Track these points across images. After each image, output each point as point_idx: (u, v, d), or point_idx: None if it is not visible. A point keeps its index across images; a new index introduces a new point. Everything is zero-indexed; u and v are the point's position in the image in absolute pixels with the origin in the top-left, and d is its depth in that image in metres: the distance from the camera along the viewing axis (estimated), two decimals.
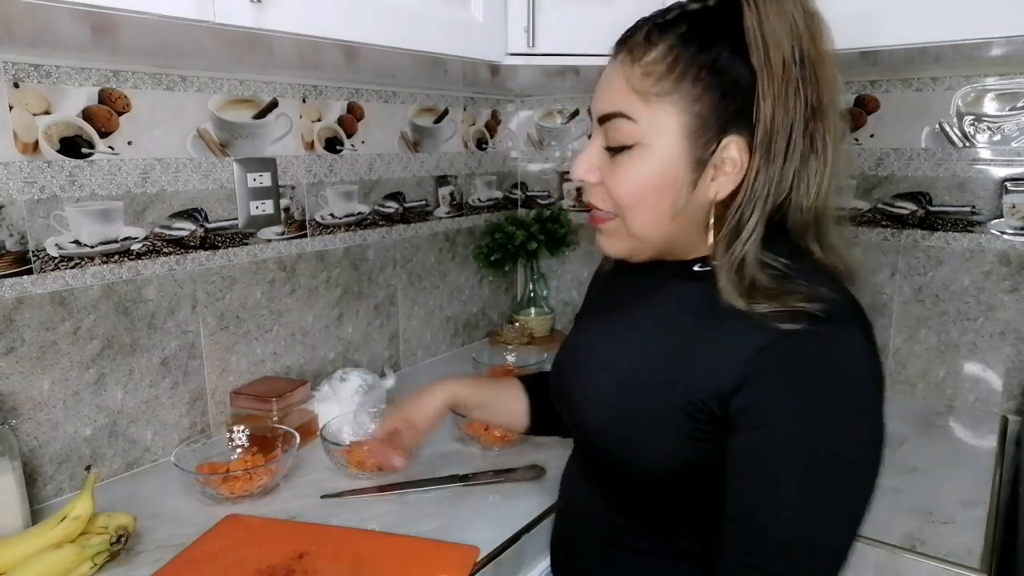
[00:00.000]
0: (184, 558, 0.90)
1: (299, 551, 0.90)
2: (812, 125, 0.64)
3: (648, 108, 0.65)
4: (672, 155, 0.65)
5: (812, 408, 0.60)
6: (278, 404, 1.21)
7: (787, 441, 0.60)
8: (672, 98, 0.64)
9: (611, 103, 0.67)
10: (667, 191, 0.66)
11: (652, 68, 0.65)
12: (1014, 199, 1.32)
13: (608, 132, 0.68)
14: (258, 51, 1.05)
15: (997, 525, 1.02)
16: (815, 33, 0.65)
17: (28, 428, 1.03)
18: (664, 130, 0.65)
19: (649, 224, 0.68)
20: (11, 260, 0.99)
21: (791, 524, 0.61)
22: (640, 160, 0.66)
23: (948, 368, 1.43)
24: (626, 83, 0.66)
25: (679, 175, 0.66)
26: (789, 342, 0.60)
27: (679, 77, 0.64)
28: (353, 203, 1.48)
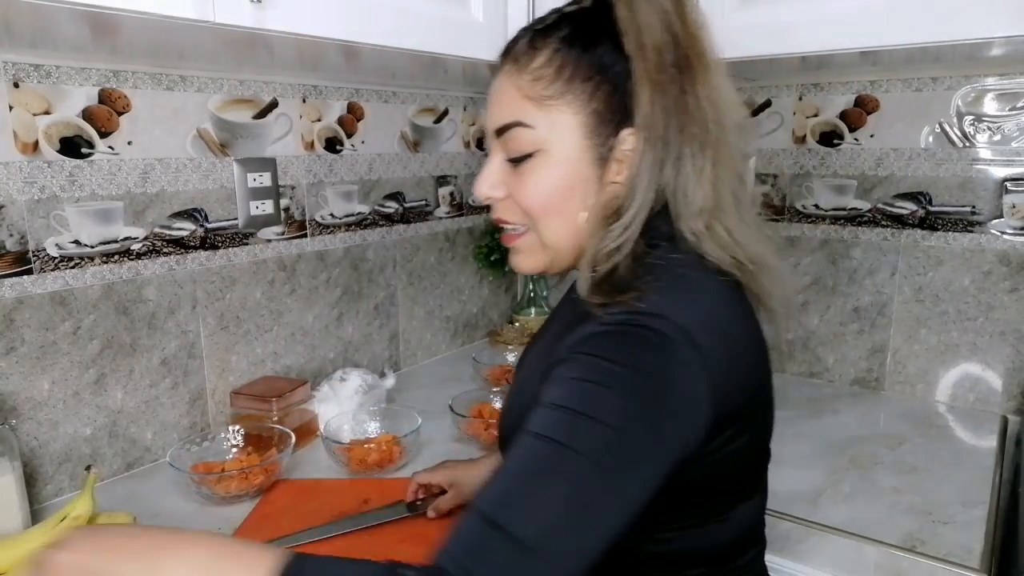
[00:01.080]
0: (257, 515, 0.98)
1: (363, 498, 1.01)
2: (693, 110, 0.63)
3: (544, 113, 0.65)
4: (574, 155, 0.65)
5: (581, 390, 0.56)
6: (278, 404, 1.21)
7: (549, 407, 0.56)
8: (566, 99, 0.64)
9: (506, 114, 0.67)
10: (575, 192, 0.66)
11: (541, 73, 0.65)
12: (1014, 199, 1.32)
13: (507, 143, 0.67)
14: (258, 51, 1.05)
15: (997, 525, 1.02)
16: (686, 19, 0.64)
17: (28, 428, 1.03)
18: (563, 132, 0.65)
19: (562, 230, 0.67)
20: (11, 260, 0.99)
21: (512, 478, 0.55)
22: (544, 166, 0.66)
23: (948, 368, 1.43)
24: (518, 92, 0.66)
25: (585, 174, 0.65)
26: (602, 329, 0.58)
27: (569, 79, 0.64)
28: (353, 203, 1.48)
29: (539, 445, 0.55)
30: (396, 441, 1.15)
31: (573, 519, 0.52)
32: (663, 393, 0.56)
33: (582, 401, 0.55)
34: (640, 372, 0.55)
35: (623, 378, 0.55)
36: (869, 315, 1.49)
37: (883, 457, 1.19)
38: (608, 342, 0.57)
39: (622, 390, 0.55)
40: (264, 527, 0.97)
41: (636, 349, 0.56)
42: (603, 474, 0.53)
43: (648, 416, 0.55)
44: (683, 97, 0.63)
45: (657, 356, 0.56)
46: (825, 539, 0.96)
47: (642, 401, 0.55)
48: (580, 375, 0.56)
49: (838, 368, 1.55)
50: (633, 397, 0.55)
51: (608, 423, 0.54)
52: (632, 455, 0.54)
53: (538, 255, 0.70)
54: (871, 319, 1.49)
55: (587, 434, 0.54)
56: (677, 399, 0.56)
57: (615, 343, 0.57)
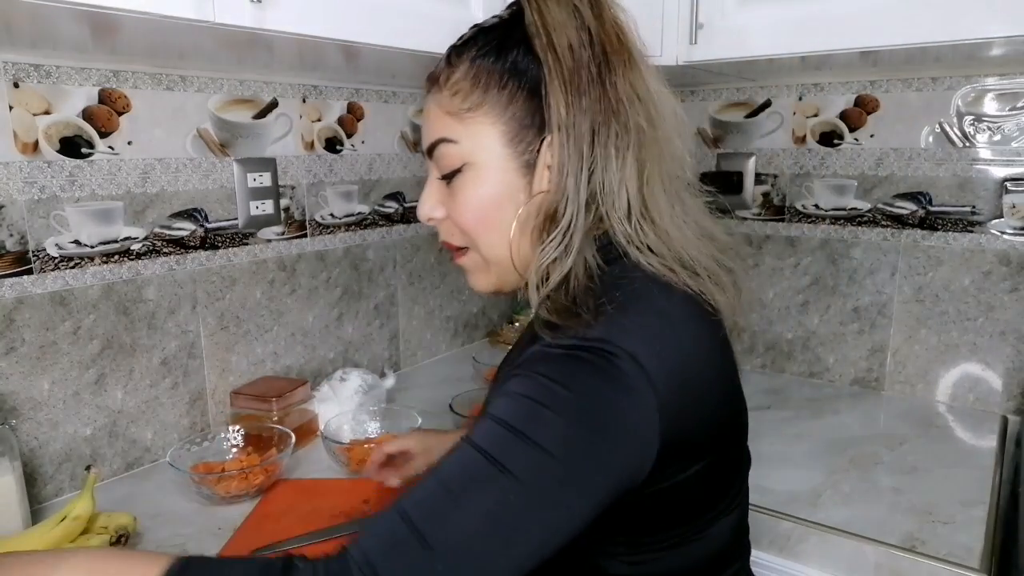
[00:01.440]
0: (258, 515, 0.97)
1: (362, 498, 1.01)
2: (616, 108, 0.61)
3: (464, 126, 0.65)
4: (499, 165, 0.64)
5: (523, 408, 0.54)
6: (278, 404, 1.21)
7: (492, 420, 0.55)
8: (483, 109, 0.64)
9: (432, 133, 0.67)
10: (505, 203, 0.65)
11: (458, 87, 0.65)
12: (1014, 199, 1.32)
13: (438, 162, 0.67)
14: (258, 51, 1.05)
15: (997, 525, 1.02)
16: (603, 16, 0.63)
17: (28, 428, 1.03)
18: (484, 143, 0.64)
19: (499, 244, 0.66)
20: (11, 260, 0.99)
21: (433, 490, 0.54)
22: (472, 180, 0.65)
23: (948, 368, 1.43)
24: (439, 109, 0.66)
25: (512, 183, 0.64)
26: (553, 352, 0.56)
27: (484, 87, 0.64)
28: (353, 203, 1.48)
29: (474, 456, 0.53)
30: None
31: (490, 537, 0.51)
32: (606, 422, 0.54)
33: (524, 420, 0.53)
34: (585, 399, 0.54)
35: (567, 403, 0.53)
36: (869, 315, 1.49)
37: (883, 457, 1.19)
38: (557, 364, 0.55)
39: (565, 415, 0.53)
40: (264, 527, 0.97)
41: (583, 375, 0.54)
42: (530, 498, 0.52)
43: (588, 445, 0.53)
44: (605, 95, 0.61)
45: (604, 384, 0.54)
46: (825, 539, 0.96)
47: (584, 429, 0.53)
48: (527, 392, 0.55)
49: (838, 368, 1.55)
50: (575, 424, 0.53)
51: (545, 448, 0.52)
52: (564, 483, 0.52)
53: (484, 273, 0.69)
54: (871, 319, 1.49)
55: (522, 455, 0.52)
56: (620, 429, 0.54)
57: (564, 366, 0.55)
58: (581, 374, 0.55)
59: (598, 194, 0.61)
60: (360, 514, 0.99)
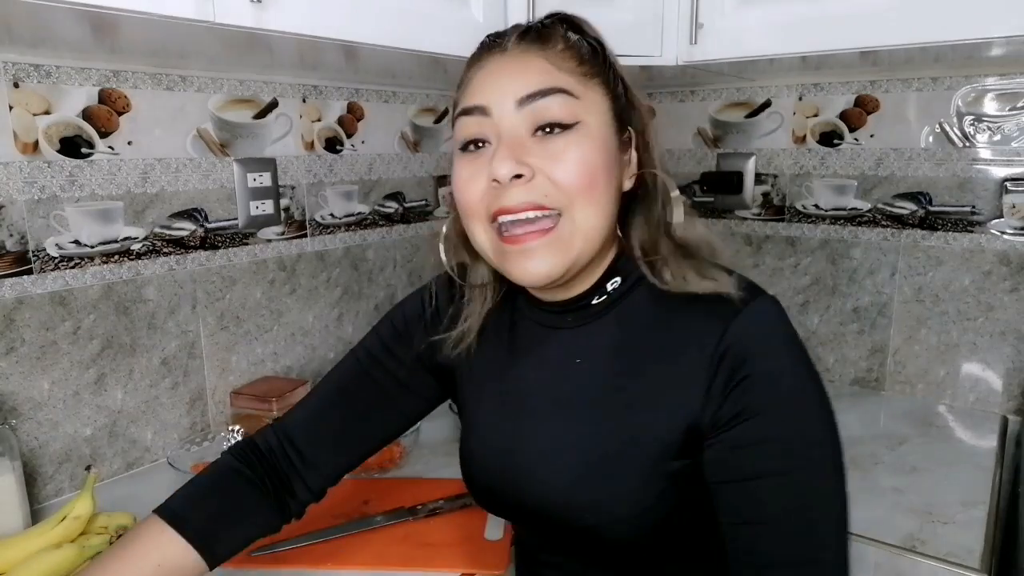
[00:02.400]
0: None
1: (363, 499, 1.02)
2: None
3: (583, 87, 0.63)
4: (608, 134, 0.64)
5: (781, 399, 0.60)
6: (278, 404, 1.21)
7: (767, 446, 0.60)
8: (598, 80, 0.65)
9: (542, 81, 0.62)
10: (610, 171, 0.63)
11: (575, 51, 0.64)
12: (1014, 199, 1.32)
13: (540, 111, 0.62)
14: (258, 51, 1.05)
15: (997, 525, 1.02)
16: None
17: (28, 428, 1.03)
18: (599, 109, 0.64)
19: (599, 213, 0.63)
20: (11, 260, 0.99)
21: (788, 511, 0.60)
22: (582, 139, 0.62)
23: (948, 368, 1.43)
24: (550, 64, 0.63)
25: (615, 156, 0.65)
26: (741, 329, 0.60)
27: (601, 63, 0.65)
28: (353, 203, 1.48)
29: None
30: (396, 441, 1.15)
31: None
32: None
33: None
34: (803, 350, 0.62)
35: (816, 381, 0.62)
36: (869, 315, 1.49)
37: (883, 457, 1.19)
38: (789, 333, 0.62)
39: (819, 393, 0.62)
40: None
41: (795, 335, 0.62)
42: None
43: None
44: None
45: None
46: None
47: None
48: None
49: (838, 368, 1.55)
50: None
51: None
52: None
53: (564, 250, 0.62)
54: (871, 319, 1.49)
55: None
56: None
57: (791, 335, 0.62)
58: (782, 315, 0.62)
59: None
60: (359, 515, 0.99)
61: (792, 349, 0.61)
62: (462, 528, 0.96)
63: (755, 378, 0.59)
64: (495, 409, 0.75)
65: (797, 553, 0.60)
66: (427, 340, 0.81)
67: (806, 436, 0.60)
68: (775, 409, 0.59)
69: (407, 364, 0.82)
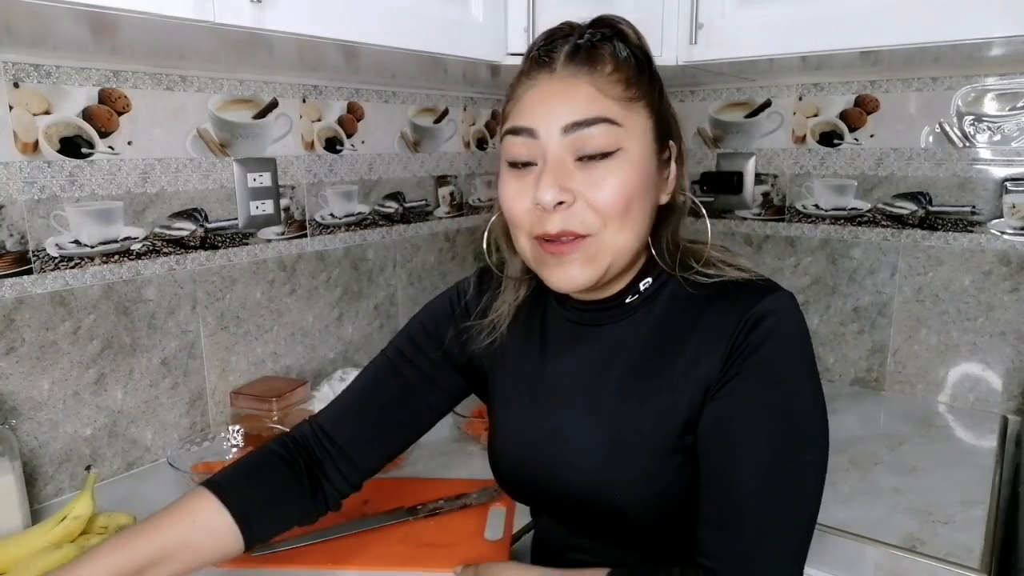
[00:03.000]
0: None
1: (363, 499, 1.00)
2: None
3: (627, 112, 0.66)
4: (648, 156, 0.67)
5: (778, 371, 0.64)
6: (278, 404, 1.21)
7: (752, 402, 0.64)
8: (643, 103, 0.67)
9: (589, 109, 0.65)
10: (647, 193, 0.68)
11: (622, 74, 0.66)
12: (1014, 199, 1.32)
13: (583, 140, 0.65)
14: (258, 51, 1.05)
15: (997, 525, 1.02)
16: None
17: (28, 428, 1.03)
18: (640, 132, 0.67)
19: (632, 232, 0.67)
20: (11, 260, 0.99)
21: (757, 485, 0.63)
22: (624, 164, 0.65)
23: (948, 368, 1.43)
24: (597, 90, 0.65)
25: (653, 177, 0.68)
26: (760, 311, 0.65)
27: (646, 83, 0.67)
28: (353, 203, 1.48)
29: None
30: None
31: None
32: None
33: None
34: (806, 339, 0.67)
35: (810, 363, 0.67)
36: (869, 315, 1.49)
37: (883, 457, 1.19)
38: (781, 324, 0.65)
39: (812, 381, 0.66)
40: None
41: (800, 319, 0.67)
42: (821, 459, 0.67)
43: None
44: None
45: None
46: (825, 539, 0.96)
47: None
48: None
49: (838, 368, 1.55)
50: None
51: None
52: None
53: (597, 263, 0.67)
54: (871, 319, 1.49)
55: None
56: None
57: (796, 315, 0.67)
58: (795, 312, 0.67)
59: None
60: (359, 515, 0.99)
61: (799, 340, 0.66)
62: (462, 528, 0.96)
63: (761, 350, 0.64)
64: (528, 402, 0.79)
65: (748, 525, 0.63)
66: (457, 335, 0.85)
67: (789, 421, 0.64)
68: (767, 381, 0.64)
69: (435, 362, 0.86)
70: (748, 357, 0.64)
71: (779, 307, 0.66)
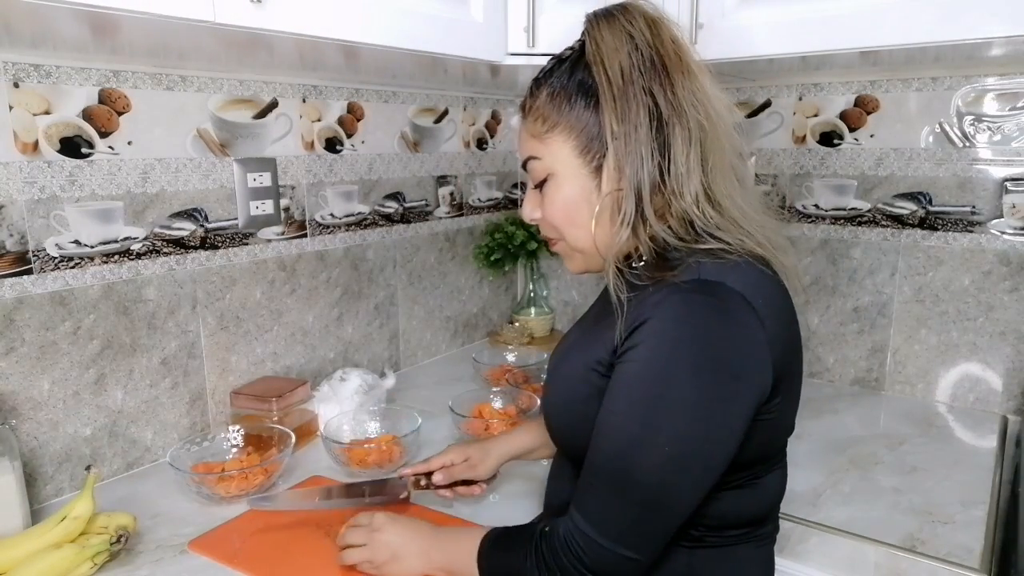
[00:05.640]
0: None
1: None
2: (675, 112, 0.71)
3: (544, 145, 0.76)
4: (574, 173, 0.75)
5: (665, 354, 0.66)
6: (278, 404, 1.21)
7: (637, 373, 0.68)
8: (559, 129, 0.75)
9: (523, 152, 0.80)
10: (581, 203, 0.76)
11: (538, 112, 0.76)
12: (1014, 199, 1.32)
13: (530, 174, 0.80)
14: (258, 51, 1.05)
15: (997, 525, 1.02)
16: (661, 36, 0.73)
17: (28, 428, 1.03)
18: (561, 156, 0.76)
19: (581, 236, 0.77)
20: (11, 260, 0.99)
21: (613, 449, 0.69)
22: (555, 187, 0.77)
23: (948, 368, 1.43)
24: (526, 132, 0.79)
25: (585, 186, 0.75)
26: (667, 294, 0.68)
27: (559, 107, 0.75)
28: (353, 203, 1.48)
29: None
30: (396, 441, 1.15)
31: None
32: (733, 362, 0.66)
33: (659, 382, 0.66)
34: (710, 344, 0.65)
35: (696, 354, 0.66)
36: (869, 315, 1.49)
37: (883, 457, 1.19)
38: (679, 307, 0.66)
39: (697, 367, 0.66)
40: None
41: (703, 318, 0.66)
42: (686, 450, 0.67)
43: (720, 388, 0.66)
44: (660, 102, 0.70)
45: (722, 321, 0.66)
46: (825, 539, 0.96)
47: (714, 374, 0.65)
48: (655, 351, 0.66)
49: (838, 368, 1.55)
50: (708, 372, 0.65)
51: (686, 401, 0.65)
52: (709, 436, 0.66)
53: (573, 258, 0.82)
54: (871, 319, 1.49)
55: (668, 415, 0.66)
56: (744, 364, 0.66)
57: (685, 309, 0.66)
58: (701, 317, 0.66)
59: (665, 185, 0.71)
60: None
61: (671, 339, 0.66)
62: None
63: (641, 332, 0.68)
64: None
65: (597, 473, 0.70)
66: None
67: (646, 397, 0.67)
68: (637, 364, 0.68)
69: None
70: (631, 348, 0.69)
71: (670, 303, 0.67)
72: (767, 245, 0.74)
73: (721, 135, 0.74)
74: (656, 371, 0.66)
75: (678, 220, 0.72)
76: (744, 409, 0.67)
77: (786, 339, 0.71)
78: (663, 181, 0.71)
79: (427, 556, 0.81)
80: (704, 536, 0.75)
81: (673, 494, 0.67)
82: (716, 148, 0.73)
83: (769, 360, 0.67)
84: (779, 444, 0.79)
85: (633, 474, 0.67)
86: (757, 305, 0.67)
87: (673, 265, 0.70)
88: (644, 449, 0.66)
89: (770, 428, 0.72)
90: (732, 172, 0.75)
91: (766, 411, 0.70)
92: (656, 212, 0.71)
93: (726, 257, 0.70)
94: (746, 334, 0.66)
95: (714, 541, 0.75)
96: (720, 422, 0.66)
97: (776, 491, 0.80)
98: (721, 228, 0.72)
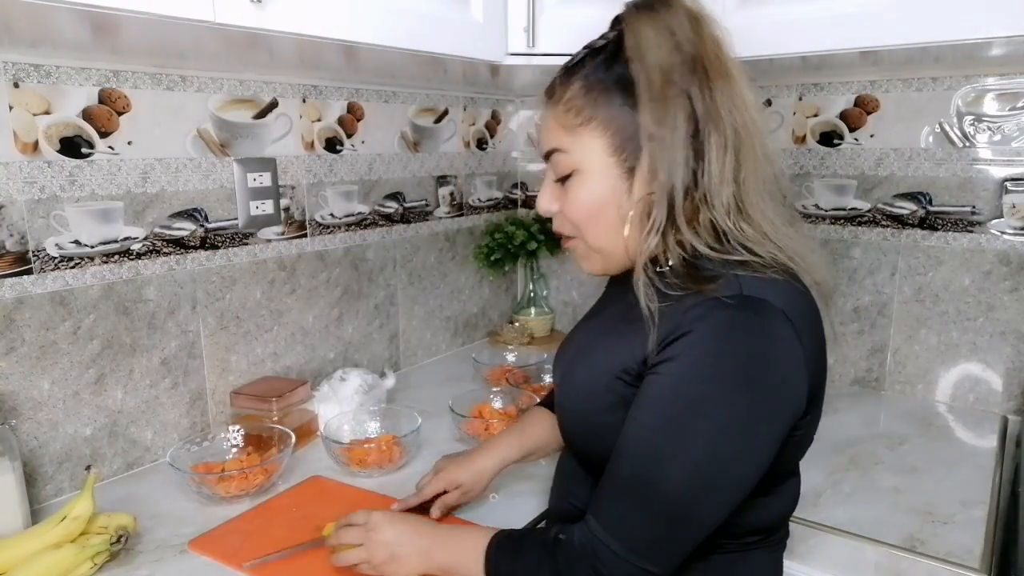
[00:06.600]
0: (261, 508, 1.02)
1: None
2: (712, 116, 0.68)
3: (574, 138, 0.73)
4: (604, 171, 0.72)
5: (705, 370, 0.64)
6: (278, 404, 1.21)
7: (674, 386, 0.66)
8: (593, 124, 0.72)
9: (547, 142, 0.76)
10: (609, 203, 0.73)
11: (572, 103, 0.72)
12: (1014, 199, 1.32)
13: (553, 166, 0.76)
14: (258, 51, 1.05)
15: (997, 525, 1.02)
16: (703, 34, 0.69)
17: (28, 428, 1.03)
18: (592, 153, 0.72)
19: (604, 236, 0.74)
20: (11, 260, 0.99)
21: (641, 461, 0.67)
22: (581, 183, 0.74)
23: (948, 368, 1.43)
24: (555, 122, 0.74)
25: (615, 186, 0.72)
26: (710, 308, 0.65)
27: (594, 102, 0.71)
28: (353, 203, 1.48)
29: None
30: (396, 441, 1.15)
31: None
32: (769, 380, 0.64)
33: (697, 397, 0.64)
34: (748, 361, 0.64)
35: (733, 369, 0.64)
36: (869, 315, 1.49)
37: (883, 457, 1.19)
38: (723, 323, 0.64)
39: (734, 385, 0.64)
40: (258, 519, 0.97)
41: (746, 335, 0.64)
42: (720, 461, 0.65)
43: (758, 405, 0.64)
44: (698, 106, 0.67)
45: (766, 341, 0.64)
46: (825, 539, 0.96)
47: (752, 392, 0.64)
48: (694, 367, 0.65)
49: (838, 368, 1.55)
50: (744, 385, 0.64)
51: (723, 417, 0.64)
52: (742, 453, 0.65)
53: (590, 258, 0.78)
54: (871, 319, 1.49)
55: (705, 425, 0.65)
56: (784, 383, 0.65)
57: (728, 325, 0.64)
58: (741, 332, 0.64)
59: (698, 192, 0.68)
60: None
61: (713, 354, 0.65)
62: None
63: (679, 345, 0.66)
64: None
65: (621, 480, 0.68)
66: None
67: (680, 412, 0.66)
68: (673, 377, 0.66)
69: None
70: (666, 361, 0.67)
71: (709, 319, 0.65)
72: (797, 259, 0.72)
73: (756, 143, 0.71)
74: (695, 386, 0.64)
75: (706, 228, 0.69)
76: (780, 428, 0.66)
77: (818, 356, 0.70)
78: (695, 188, 0.68)
79: (428, 556, 0.79)
80: (722, 543, 0.74)
81: (702, 510, 0.66)
82: (751, 156, 0.70)
83: (806, 378, 0.66)
84: (801, 456, 0.78)
85: (660, 486, 0.65)
86: (797, 323, 0.65)
87: (709, 276, 0.67)
88: (675, 463, 0.65)
89: (798, 443, 0.73)
90: (764, 183, 0.72)
91: (797, 428, 0.69)
92: (685, 219, 0.68)
93: (763, 271, 0.68)
94: (788, 353, 0.65)
95: (731, 547, 0.75)
96: (756, 441, 0.65)
97: (793, 497, 0.80)
98: (751, 240, 0.69)
